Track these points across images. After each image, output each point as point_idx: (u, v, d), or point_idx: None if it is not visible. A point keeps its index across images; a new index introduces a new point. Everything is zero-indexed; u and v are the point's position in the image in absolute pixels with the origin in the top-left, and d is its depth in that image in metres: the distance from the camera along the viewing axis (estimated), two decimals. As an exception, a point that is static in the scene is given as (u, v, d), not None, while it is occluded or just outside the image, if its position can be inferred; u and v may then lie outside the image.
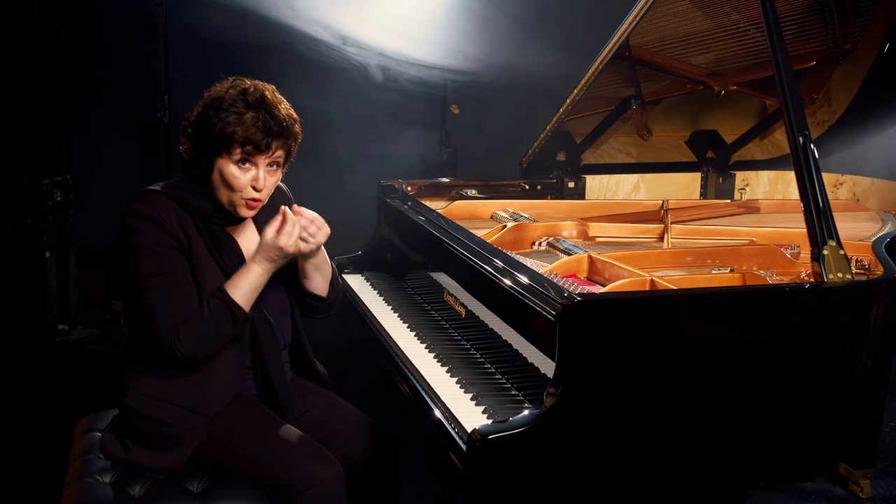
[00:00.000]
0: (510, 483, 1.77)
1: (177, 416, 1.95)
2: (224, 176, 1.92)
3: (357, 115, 4.46)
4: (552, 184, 3.40)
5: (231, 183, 1.92)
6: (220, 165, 1.92)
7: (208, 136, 1.91)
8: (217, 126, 1.89)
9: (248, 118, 1.89)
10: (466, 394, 2.06)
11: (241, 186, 1.93)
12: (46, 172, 4.06)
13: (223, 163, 1.92)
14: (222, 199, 1.96)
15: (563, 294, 1.84)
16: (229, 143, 1.89)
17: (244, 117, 1.89)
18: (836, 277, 2.01)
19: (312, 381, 2.26)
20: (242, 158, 1.91)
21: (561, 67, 3.70)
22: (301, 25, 4.11)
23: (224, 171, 1.92)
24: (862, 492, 2.09)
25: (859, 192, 3.37)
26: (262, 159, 1.93)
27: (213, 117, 1.90)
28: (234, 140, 1.89)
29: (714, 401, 1.91)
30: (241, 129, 1.88)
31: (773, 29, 2.23)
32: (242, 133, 1.88)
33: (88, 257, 4.31)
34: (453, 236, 2.47)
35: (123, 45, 4.31)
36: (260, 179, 1.93)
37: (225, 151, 1.90)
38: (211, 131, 1.90)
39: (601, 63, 2.88)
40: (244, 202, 1.95)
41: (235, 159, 1.91)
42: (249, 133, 1.89)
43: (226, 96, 1.91)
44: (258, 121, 1.89)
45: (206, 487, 1.96)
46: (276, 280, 2.05)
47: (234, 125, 1.88)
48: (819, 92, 3.23)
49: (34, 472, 2.90)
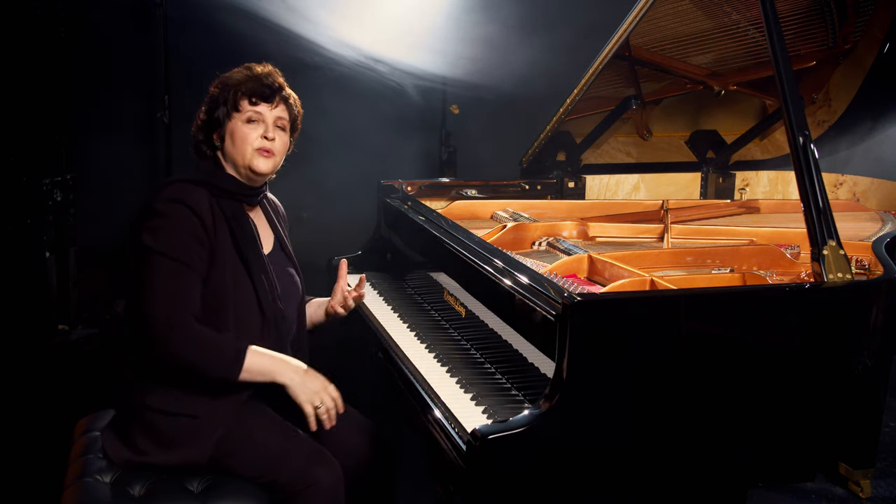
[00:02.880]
0: (510, 483, 1.77)
1: (204, 404, 1.96)
2: (235, 135, 2.04)
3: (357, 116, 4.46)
4: (552, 184, 3.40)
5: (243, 137, 2.04)
6: (231, 128, 2.05)
7: (218, 107, 2.05)
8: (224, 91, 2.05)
9: (250, 79, 2.06)
10: (466, 394, 2.06)
11: (253, 139, 2.05)
12: (46, 172, 4.05)
13: (233, 124, 2.05)
14: (237, 160, 2.06)
15: (563, 294, 1.84)
16: (236, 100, 2.04)
17: (248, 79, 2.06)
18: (836, 277, 2.01)
19: None
20: (251, 116, 2.04)
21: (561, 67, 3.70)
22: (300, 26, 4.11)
23: (235, 130, 2.05)
24: (862, 492, 2.09)
25: (859, 192, 3.37)
26: (268, 112, 2.06)
27: (218, 89, 2.07)
28: (241, 94, 2.04)
29: (714, 401, 1.91)
30: (245, 86, 2.04)
31: (773, 29, 2.23)
32: (246, 88, 2.04)
33: (88, 257, 4.31)
34: (453, 236, 2.47)
35: (123, 45, 4.30)
36: (269, 129, 2.06)
37: (234, 111, 2.04)
38: (219, 100, 2.05)
39: (601, 63, 2.88)
40: (256, 152, 2.05)
41: (244, 118, 2.04)
42: (252, 86, 2.04)
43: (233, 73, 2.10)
44: (261, 78, 2.07)
45: (206, 487, 1.96)
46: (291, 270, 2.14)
47: (239, 84, 2.05)
48: (819, 92, 3.23)
49: (34, 472, 2.90)
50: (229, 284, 1.99)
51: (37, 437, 3.14)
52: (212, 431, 1.96)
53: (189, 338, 1.89)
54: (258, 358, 1.96)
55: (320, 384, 2.00)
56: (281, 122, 2.09)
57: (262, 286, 2.04)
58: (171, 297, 1.89)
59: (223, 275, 1.98)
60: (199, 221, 1.95)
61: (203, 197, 1.98)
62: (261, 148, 2.05)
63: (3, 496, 2.80)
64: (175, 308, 1.89)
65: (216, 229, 1.99)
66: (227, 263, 1.99)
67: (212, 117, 2.07)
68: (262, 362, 1.97)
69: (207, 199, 1.99)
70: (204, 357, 1.91)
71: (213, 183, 2.04)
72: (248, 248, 2.04)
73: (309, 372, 2.02)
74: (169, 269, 1.91)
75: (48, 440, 3.03)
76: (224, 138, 2.06)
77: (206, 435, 1.95)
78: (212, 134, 2.08)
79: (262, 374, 1.97)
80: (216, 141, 2.08)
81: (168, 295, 1.89)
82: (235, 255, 2.01)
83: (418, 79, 4.45)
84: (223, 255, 1.99)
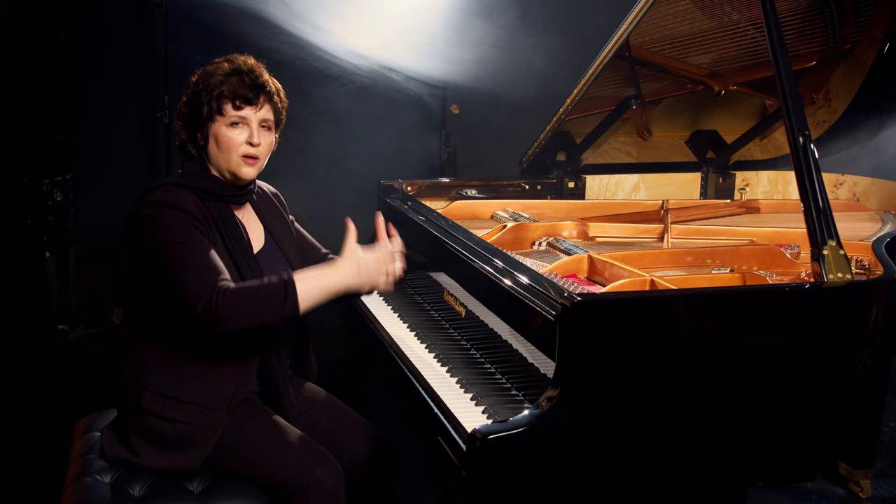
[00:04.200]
0: (510, 483, 1.77)
1: (196, 414, 1.94)
2: (220, 140, 1.99)
3: (357, 115, 4.46)
4: (552, 184, 3.40)
5: (227, 143, 1.99)
6: (215, 131, 1.99)
7: (200, 105, 1.98)
8: (207, 90, 1.98)
9: (234, 79, 1.99)
10: (466, 394, 2.06)
11: (237, 145, 1.99)
12: (46, 172, 4.06)
13: (217, 128, 1.99)
14: (222, 165, 2.01)
15: (563, 294, 1.84)
16: (219, 103, 1.97)
17: (231, 78, 1.99)
18: (836, 277, 2.01)
19: (302, 374, 2.27)
20: (235, 120, 1.98)
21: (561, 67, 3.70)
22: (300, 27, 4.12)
23: (219, 135, 1.99)
24: (862, 492, 2.09)
25: (859, 192, 3.37)
26: (252, 115, 2.00)
27: (201, 85, 2.00)
28: (224, 97, 1.97)
29: (714, 401, 1.91)
30: (228, 87, 1.97)
31: (773, 29, 2.23)
32: (229, 90, 1.97)
33: (88, 257, 4.31)
34: (453, 236, 2.47)
35: (123, 44, 4.31)
36: (254, 135, 2.00)
37: (217, 114, 1.98)
38: (202, 98, 1.98)
39: (601, 63, 2.88)
40: (242, 160, 2.00)
41: (228, 122, 1.98)
42: (235, 88, 1.97)
43: (215, 68, 2.02)
44: (244, 77, 1.99)
45: (206, 487, 1.96)
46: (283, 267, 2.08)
47: (221, 84, 1.98)
48: (819, 92, 3.22)
49: (34, 471, 2.90)
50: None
51: (37, 437, 3.14)
52: (206, 440, 1.95)
53: (233, 301, 1.82)
54: (308, 283, 1.87)
55: (374, 264, 1.92)
56: (266, 123, 2.03)
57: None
58: (196, 275, 1.85)
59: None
60: (189, 216, 1.92)
61: (189, 199, 1.94)
62: (246, 155, 2.00)
63: (3, 496, 2.80)
64: (205, 283, 1.84)
65: (206, 223, 1.96)
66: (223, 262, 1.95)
67: (194, 114, 2.01)
68: (313, 286, 1.87)
69: (193, 200, 1.95)
70: (259, 310, 1.84)
71: (197, 186, 1.99)
72: (237, 249, 2.01)
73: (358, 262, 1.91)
74: (181, 253, 1.87)
75: (48, 440, 3.03)
76: (208, 139, 2.01)
77: (199, 443, 1.95)
78: (195, 132, 2.03)
79: (321, 294, 1.89)
80: (200, 140, 2.03)
81: (193, 274, 1.85)
82: (226, 255, 1.98)
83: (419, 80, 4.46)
84: (219, 252, 1.95)
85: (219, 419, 1.96)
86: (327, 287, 1.90)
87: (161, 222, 1.90)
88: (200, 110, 1.99)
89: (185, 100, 2.04)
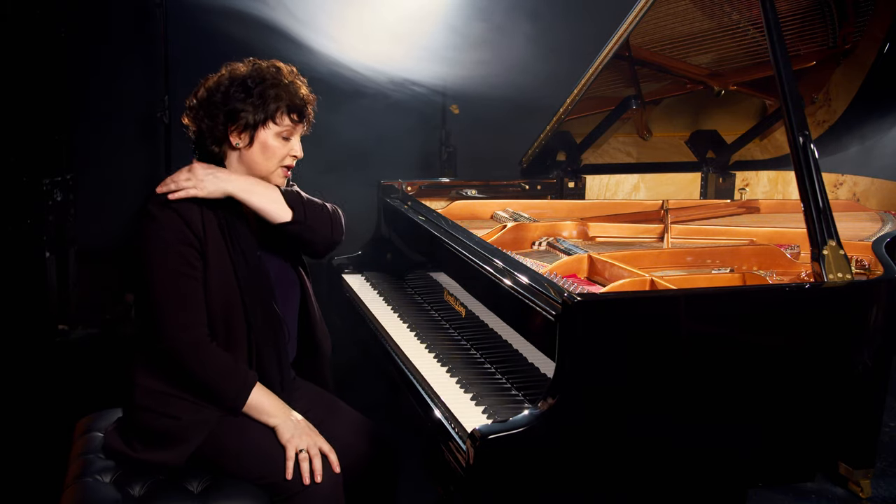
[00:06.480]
0: (510, 483, 1.77)
1: (186, 409, 1.96)
2: (267, 147, 2.00)
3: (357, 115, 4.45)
4: (552, 184, 3.40)
5: (274, 152, 2.01)
6: (263, 138, 2.00)
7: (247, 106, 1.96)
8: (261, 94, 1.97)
9: (291, 90, 2.01)
10: (466, 394, 2.06)
11: (282, 156, 2.02)
12: (46, 172, 4.05)
13: (266, 134, 2.00)
14: (260, 171, 2.02)
15: (563, 294, 1.84)
16: (276, 112, 1.98)
17: (289, 89, 2.01)
18: (836, 277, 2.01)
19: (316, 381, 2.26)
20: (286, 132, 2.01)
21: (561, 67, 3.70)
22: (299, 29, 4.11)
23: (267, 143, 2.00)
24: (862, 492, 2.09)
25: (859, 192, 3.37)
26: (300, 129, 2.05)
27: (252, 84, 1.97)
28: (282, 108, 1.99)
29: (714, 401, 1.91)
30: (288, 98, 1.99)
31: (773, 29, 2.23)
32: (289, 102, 1.99)
33: (88, 257, 4.31)
34: (453, 236, 2.47)
35: (123, 44, 4.30)
36: (298, 149, 2.05)
37: (271, 121, 1.99)
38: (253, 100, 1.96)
39: (601, 63, 2.88)
40: (281, 170, 2.04)
41: (281, 132, 2.00)
42: (293, 100, 2.00)
43: (265, 72, 2.00)
44: (298, 90, 2.03)
45: (206, 487, 1.96)
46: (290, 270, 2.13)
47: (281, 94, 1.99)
48: (819, 92, 3.22)
49: (34, 471, 2.90)
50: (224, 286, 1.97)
51: (37, 437, 3.14)
52: (193, 436, 1.96)
53: (204, 360, 1.92)
54: (261, 396, 1.98)
55: (311, 439, 1.98)
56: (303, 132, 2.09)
57: (257, 289, 2.02)
58: (178, 308, 1.90)
59: (217, 276, 1.96)
60: (186, 227, 1.92)
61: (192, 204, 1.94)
62: (286, 167, 2.04)
63: (4, 496, 2.80)
64: (187, 323, 1.90)
65: (206, 232, 1.95)
66: (220, 266, 1.97)
67: (232, 109, 1.97)
68: (263, 401, 1.98)
69: (197, 205, 1.95)
70: (215, 380, 1.94)
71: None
72: (241, 250, 2.01)
73: (304, 422, 2.01)
74: (172, 282, 1.90)
75: (48, 439, 3.03)
76: (249, 142, 1.99)
77: (186, 439, 1.96)
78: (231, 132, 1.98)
79: (259, 411, 1.98)
80: (236, 142, 1.99)
81: (173, 308, 1.90)
82: (227, 257, 1.98)
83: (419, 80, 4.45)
84: (216, 257, 1.96)
85: (209, 417, 1.97)
86: (267, 413, 1.98)
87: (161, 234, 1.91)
88: (245, 111, 1.97)
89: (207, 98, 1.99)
